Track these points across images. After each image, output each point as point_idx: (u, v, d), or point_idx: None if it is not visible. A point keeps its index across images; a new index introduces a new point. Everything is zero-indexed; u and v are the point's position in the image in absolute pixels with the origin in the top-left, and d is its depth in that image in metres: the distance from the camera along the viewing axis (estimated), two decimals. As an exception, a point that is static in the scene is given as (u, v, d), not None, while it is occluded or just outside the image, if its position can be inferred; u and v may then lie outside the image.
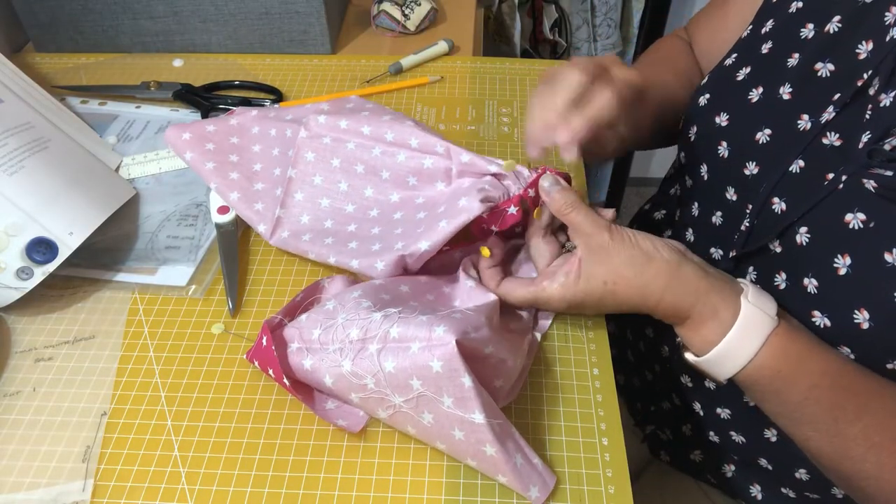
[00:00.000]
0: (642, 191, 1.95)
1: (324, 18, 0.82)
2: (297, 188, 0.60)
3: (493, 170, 0.53)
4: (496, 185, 0.53)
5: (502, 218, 0.51)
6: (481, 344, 0.44)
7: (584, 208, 0.50)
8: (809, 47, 0.52)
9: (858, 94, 0.48)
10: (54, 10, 0.81)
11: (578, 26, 1.48)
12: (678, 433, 0.69)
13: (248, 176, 0.62)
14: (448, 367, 0.42)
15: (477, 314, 0.46)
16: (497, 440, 0.43)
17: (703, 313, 0.47)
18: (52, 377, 0.53)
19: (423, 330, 0.43)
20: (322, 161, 0.60)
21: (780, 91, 0.53)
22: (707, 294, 0.47)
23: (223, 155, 0.63)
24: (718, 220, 0.58)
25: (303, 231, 0.59)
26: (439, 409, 0.43)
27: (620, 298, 0.48)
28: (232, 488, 0.46)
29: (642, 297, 0.48)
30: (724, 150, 0.56)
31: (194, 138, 0.63)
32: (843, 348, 0.47)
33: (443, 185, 0.57)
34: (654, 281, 0.48)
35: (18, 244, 0.55)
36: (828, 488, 0.57)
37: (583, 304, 0.49)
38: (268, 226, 0.59)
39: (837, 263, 0.46)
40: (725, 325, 0.46)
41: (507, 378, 0.48)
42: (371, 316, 0.45)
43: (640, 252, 0.48)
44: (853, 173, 0.46)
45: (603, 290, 0.48)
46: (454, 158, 0.56)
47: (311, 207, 0.60)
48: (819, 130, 0.49)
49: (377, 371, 0.44)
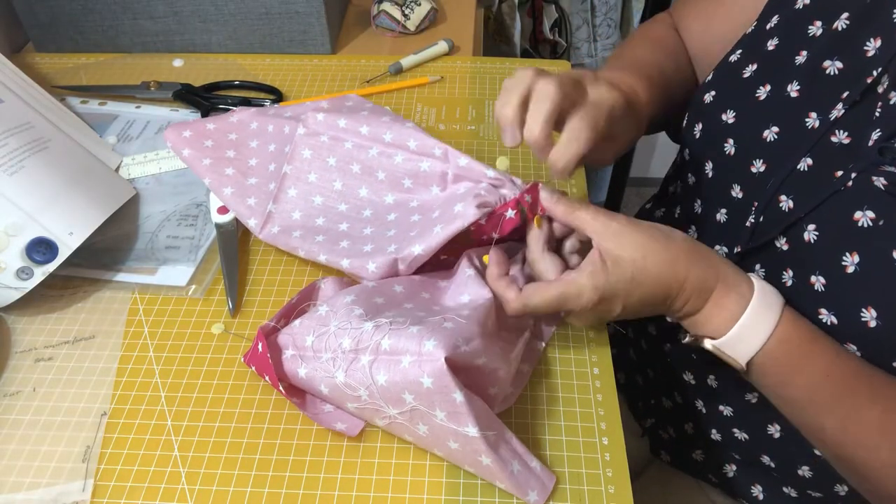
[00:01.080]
0: (642, 191, 1.95)
1: (324, 18, 0.82)
2: (291, 184, 0.60)
3: (489, 175, 0.53)
4: (492, 191, 0.52)
5: (501, 223, 0.51)
6: (473, 356, 0.44)
7: (590, 206, 0.49)
8: (817, 45, 0.52)
9: (867, 91, 0.48)
10: (54, 10, 0.81)
11: (578, 26, 1.48)
12: (680, 432, 0.69)
13: (242, 171, 0.62)
14: (438, 383, 0.42)
15: (469, 323, 0.46)
16: (492, 451, 0.43)
17: (725, 285, 0.47)
18: (52, 377, 0.52)
19: (413, 343, 0.43)
20: (318, 159, 0.60)
21: (787, 89, 0.53)
22: (724, 266, 0.48)
23: (220, 151, 0.63)
24: (723, 218, 0.58)
25: (293, 227, 0.58)
26: (433, 421, 0.43)
27: (651, 274, 0.47)
28: (232, 488, 0.46)
29: (672, 270, 0.47)
30: (730, 148, 0.56)
31: (194, 135, 0.63)
32: (849, 346, 0.47)
33: (438, 190, 0.56)
34: (679, 254, 0.47)
35: (18, 244, 0.55)
36: (831, 485, 0.57)
37: (614, 293, 0.47)
38: (258, 220, 0.59)
39: (845, 261, 0.46)
40: (746, 298, 0.46)
41: (501, 386, 0.48)
42: (363, 326, 0.45)
43: (659, 229, 0.48)
44: (862, 171, 0.46)
45: (633, 269, 0.46)
46: (451, 162, 0.55)
47: (303, 204, 0.59)
48: (828, 128, 0.49)
49: (370, 384, 0.44)
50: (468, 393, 0.43)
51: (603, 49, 1.52)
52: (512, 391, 0.50)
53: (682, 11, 0.71)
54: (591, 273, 0.47)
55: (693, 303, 0.48)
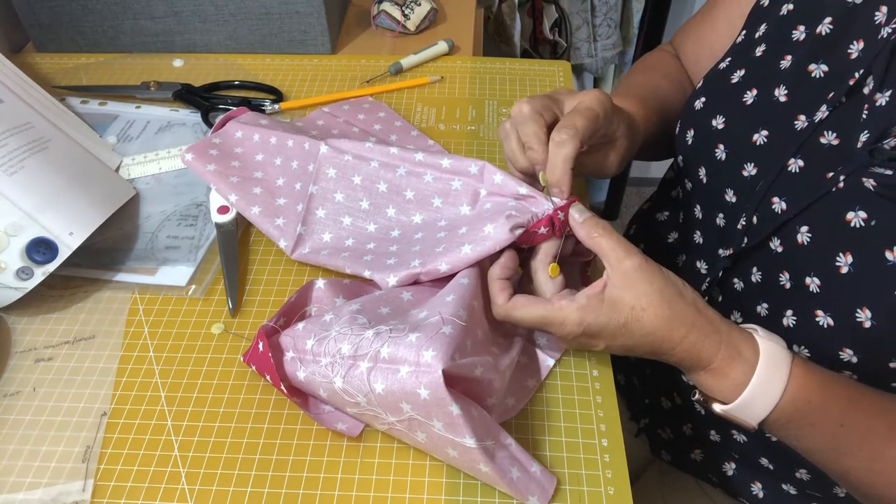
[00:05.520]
0: (642, 191, 1.95)
1: (324, 18, 0.82)
2: (319, 205, 0.60)
3: (522, 192, 0.52)
4: (523, 210, 0.51)
5: (532, 238, 0.50)
6: (469, 369, 0.44)
7: (613, 234, 0.48)
8: (801, 49, 0.53)
9: (853, 93, 0.48)
10: (54, 10, 0.81)
11: (578, 26, 1.48)
12: (679, 432, 0.69)
13: (271, 191, 0.62)
14: (435, 395, 0.42)
15: (468, 326, 0.45)
16: (490, 460, 0.43)
17: (728, 356, 0.45)
18: (52, 377, 0.53)
19: (412, 353, 0.43)
20: (343, 178, 0.59)
21: (775, 93, 0.53)
22: (729, 335, 0.46)
23: (248, 171, 0.64)
24: (721, 222, 0.58)
25: (323, 248, 0.59)
26: (431, 431, 0.43)
27: (645, 328, 0.45)
28: (232, 488, 0.46)
29: (668, 331, 0.45)
30: (721, 153, 0.56)
31: (220, 155, 0.64)
32: (845, 350, 0.47)
33: (468, 209, 0.56)
34: (682, 316, 0.45)
35: (18, 244, 0.55)
36: (829, 487, 0.57)
37: (599, 333, 0.46)
38: (289, 242, 0.59)
39: (839, 262, 0.46)
40: (751, 364, 0.45)
41: (497, 396, 0.47)
42: (363, 333, 0.45)
43: (672, 284, 0.46)
44: (853, 172, 0.46)
45: (628, 317, 0.45)
46: (486, 179, 0.54)
47: (332, 225, 0.59)
48: (814, 129, 0.50)
49: (368, 391, 0.44)
50: (465, 405, 0.43)
51: (603, 49, 1.52)
52: (514, 404, 0.50)
53: (679, 38, 0.73)
54: (582, 307, 0.46)
55: (687, 364, 0.47)
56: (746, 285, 0.55)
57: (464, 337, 0.45)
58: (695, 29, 0.70)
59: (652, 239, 0.73)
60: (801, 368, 0.45)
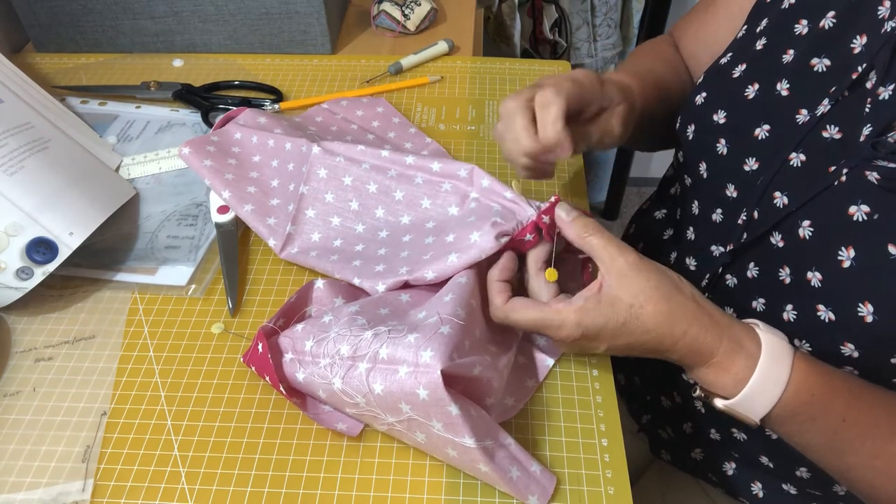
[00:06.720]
0: (642, 191, 1.95)
1: (324, 18, 0.82)
2: (309, 205, 0.60)
3: (507, 196, 0.52)
4: (508, 216, 0.51)
5: (522, 246, 0.51)
6: (468, 368, 0.44)
7: (604, 233, 0.47)
8: (804, 43, 0.53)
9: (856, 87, 0.48)
10: (54, 10, 0.81)
11: (578, 26, 1.48)
12: (679, 431, 0.69)
13: (265, 191, 0.63)
14: (434, 396, 0.42)
15: (466, 325, 0.46)
16: (490, 460, 0.43)
17: (730, 349, 0.45)
18: (52, 377, 0.53)
19: (410, 353, 0.43)
20: (334, 178, 0.60)
21: (777, 87, 0.53)
22: (730, 328, 0.45)
23: (244, 170, 0.64)
24: (719, 218, 0.58)
25: (311, 248, 0.59)
26: (431, 431, 0.43)
27: (645, 325, 0.45)
28: (232, 488, 0.46)
29: (668, 326, 0.45)
30: (722, 148, 0.56)
31: (217, 152, 0.64)
32: (846, 344, 0.47)
33: (456, 210, 0.56)
34: (681, 311, 0.45)
35: (18, 244, 0.55)
36: (829, 486, 0.57)
37: (599, 334, 0.46)
38: (278, 241, 0.60)
39: (841, 256, 0.46)
40: (753, 358, 0.44)
41: (496, 395, 0.48)
42: (362, 334, 0.45)
43: (669, 279, 0.46)
44: (856, 166, 0.46)
45: (627, 315, 0.45)
46: (475, 183, 0.55)
47: (321, 225, 0.60)
48: (815, 123, 0.49)
49: (367, 392, 0.44)
50: (464, 405, 0.43)
51: (603, 49, 1.52)
52: (513, 404, 0.50)
53: (679, 29, 0.73)
54: (579, 309, 0.45)
55: (688, 360, 0.46)
56: (741, 281, 0.55)
57: (462, 336, 0.45)
58: (694, 22, 0.70)
59: (650, 237, 0.73)
60: (804, 362, 0.45)
